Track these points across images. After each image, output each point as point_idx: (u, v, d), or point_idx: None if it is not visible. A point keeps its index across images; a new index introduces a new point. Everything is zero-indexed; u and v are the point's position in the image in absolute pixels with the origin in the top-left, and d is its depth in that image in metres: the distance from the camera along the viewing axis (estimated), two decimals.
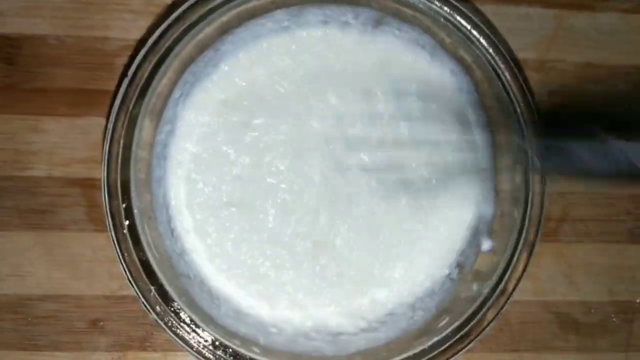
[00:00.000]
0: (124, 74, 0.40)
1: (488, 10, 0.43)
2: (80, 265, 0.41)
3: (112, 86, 0.41)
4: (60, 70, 0.41)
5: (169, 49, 0.38)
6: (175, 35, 0.38)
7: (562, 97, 0.44)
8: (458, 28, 0.40)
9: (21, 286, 0.41)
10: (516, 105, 0.40)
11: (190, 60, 0.40)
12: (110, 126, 0.37)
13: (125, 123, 0.37)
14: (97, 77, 0.41)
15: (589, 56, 0.45)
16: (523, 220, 0.39)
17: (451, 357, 0.39)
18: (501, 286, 0.39)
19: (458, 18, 0.39)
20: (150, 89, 0.38)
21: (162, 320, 0.37)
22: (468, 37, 0.40)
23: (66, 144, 0.41)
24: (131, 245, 0.37)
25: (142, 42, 0.41)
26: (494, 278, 0.39)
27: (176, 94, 0.40)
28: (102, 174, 0.37)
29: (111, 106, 0.39)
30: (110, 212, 0.37)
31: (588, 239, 0.44)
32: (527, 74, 0.44)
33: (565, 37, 0.45)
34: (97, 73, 0.41)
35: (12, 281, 0.41)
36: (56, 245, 0.41)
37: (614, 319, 0.45)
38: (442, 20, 0.40)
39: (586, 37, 0.45)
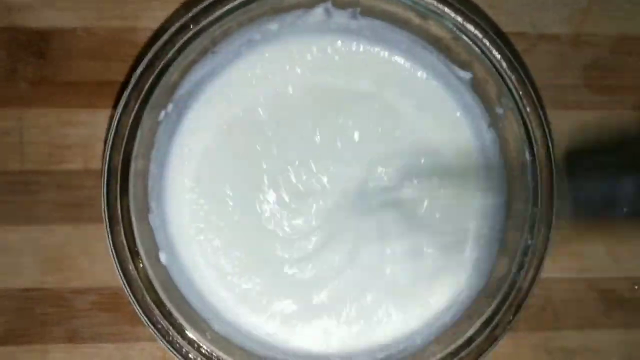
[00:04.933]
0: (134, 67, 0.40)
1: None
2: None
3: None
4: (91, 62, 0.41)
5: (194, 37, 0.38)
6: (200, 25, 0.38)
7: (597, 72, 0.44)
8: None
9: (63, 279, 0.41)
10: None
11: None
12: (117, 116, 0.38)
13: (134, 112, 0.38)
14: (128, 69, 0.41)
15: (624, 28, 0.44)
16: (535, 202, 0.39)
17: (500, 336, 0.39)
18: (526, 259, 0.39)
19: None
20: (162, 81, 0.38)
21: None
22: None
23: (102, 135, 0.41)
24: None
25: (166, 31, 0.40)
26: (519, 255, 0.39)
27: (188, 86, 0.40)
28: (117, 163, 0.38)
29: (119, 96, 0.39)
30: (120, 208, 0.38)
31: (630, 214, 0.44)
32: (562, 49, 0.43)
33: (599, 10, 0.44)
34: (128, 64, 0.41)
35: (54, 275, 0.41)
36: (96, 238, 0.41)
37: None
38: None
39: (620, 9, 0.44)
